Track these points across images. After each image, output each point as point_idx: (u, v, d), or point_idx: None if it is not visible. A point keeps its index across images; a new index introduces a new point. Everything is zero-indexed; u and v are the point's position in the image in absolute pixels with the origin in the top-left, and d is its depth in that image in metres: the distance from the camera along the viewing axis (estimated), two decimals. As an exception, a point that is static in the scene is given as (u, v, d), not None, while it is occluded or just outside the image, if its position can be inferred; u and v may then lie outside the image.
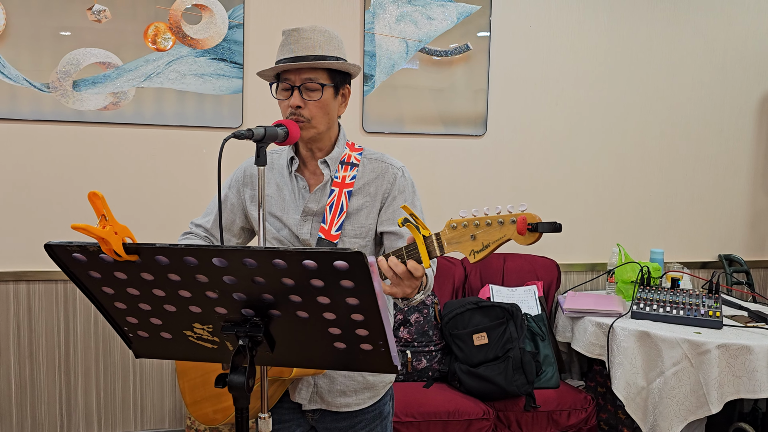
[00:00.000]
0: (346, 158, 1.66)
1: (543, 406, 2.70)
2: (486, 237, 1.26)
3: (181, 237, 1.76)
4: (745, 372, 2.49)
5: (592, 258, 3.39)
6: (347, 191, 1.63)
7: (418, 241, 1.31)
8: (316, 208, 1.63)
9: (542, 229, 1.20)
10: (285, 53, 1.56)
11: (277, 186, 1.67)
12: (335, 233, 1.59)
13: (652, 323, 2.71)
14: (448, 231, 1.29)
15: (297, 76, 1.55)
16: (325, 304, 1.05)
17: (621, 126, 3.35)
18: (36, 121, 2.76)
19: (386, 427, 1.77)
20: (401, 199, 1.65)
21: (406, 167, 1.71)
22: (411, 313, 2.81)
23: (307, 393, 1.66)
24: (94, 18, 2.77)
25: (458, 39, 3.11)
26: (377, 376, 1.70)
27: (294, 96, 1.55)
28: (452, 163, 3.19)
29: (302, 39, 1.54)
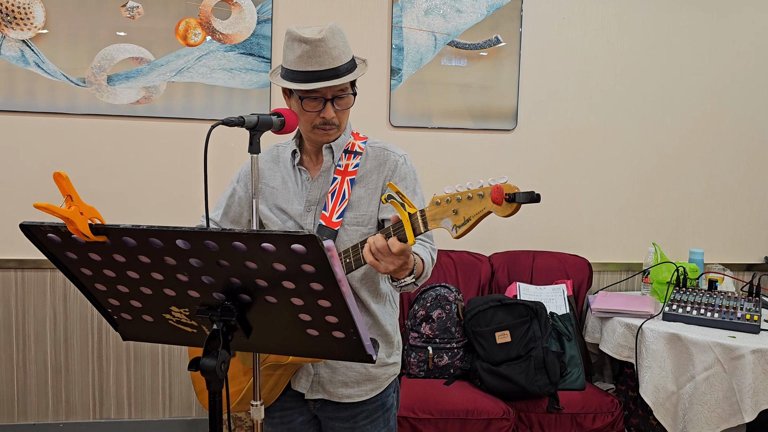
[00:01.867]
0: (350, 147, 1.67)
1: (567, 408, 2.61)
2: (467, 211, 1.24)
3: None
4: (782, 379, 2.36)
5: (628, 257, 3.27)
6: (350, 179, 1.63)
7: (403, 218, 1.30)
8: (318, 196, 1.64)
9: (519, 198, 1.16)
10: (313, 65, 1.50)
11: (283, 179, 1.69)
12: (336, 220, 1.59)
13: (685, 326, 2.59)
14: (433, 207, 1.28)
15: (329, 89, 1.54)
16: (291, 289, 1.04)
17: (660, 120, 3.22)
18: (72, 114, 2.86)
19: (389, 419, 1.76)
20: (402, 186, 1.64)
21: (409, 156, 1.70)
22: (433, 310, 2.78)
23: (307, 382, 1.67)
24: (127, 14, 2.85)
25: (488, 32, 3.05)
26: (379, 368, 1.69)
27: (328, 108, 1.55)
28: (481, 158, 3.13)
29: (329, 50, 1.50)
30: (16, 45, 2.79)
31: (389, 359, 1.72)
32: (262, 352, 1.29)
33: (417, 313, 2.81)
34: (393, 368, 1.74)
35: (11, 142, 2.85)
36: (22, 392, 2.94)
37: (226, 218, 1.77)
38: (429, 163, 3.08)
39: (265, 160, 1.73)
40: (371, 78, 3.00)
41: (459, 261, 3.07)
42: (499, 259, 3.12)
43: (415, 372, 2.79)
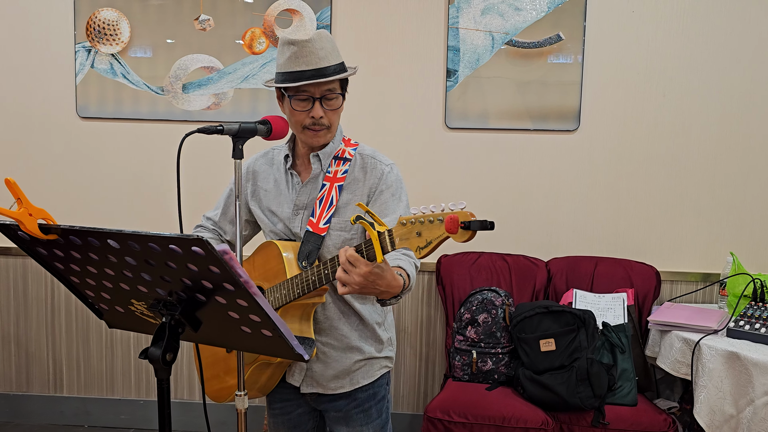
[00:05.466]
0: (340, 153, 1.72)
1: (614, 424, 2.48)
2: (429, 234, 1.28)
3: (194, 229, 1.91)
4: None
5: (706, 267, 3.02)
6: (338, 185, 1.68)
7: (372, 237, 1.35)
8: (306, 201, 1.70)
9: (474, 226, 1.21)
10: (300, 65, 1.57)
11: (275, 182, 1.77)
12: (323, 226, 1.65)
13: (750, 344, 2.37)
14: (399, 228, 1.32)
15: (317, 88, 1.60)
16: (210, 288, 1.12)
17: (742, 118, 2.94)
18: (153, 120, 3.14)
19: (381, 410, 1.82)
20: (388, 194, 1.67)
21: (396, 165, 1.74)
22: (479, 313, 2.75)
23: (300, 376, 1.75)
24: (200, 27, 3.08)
25: (549, 29, 2.95)
26: (367, 360, 1.76)
27: (316, 107, 1.61)
28: (541, 160, 3.04)
29: (316, 50, 1.57)
30: (106, 58, 3.12)
31: (379, 353, 1.79)
32: (211, 345, 1.38)
33: (463, 316, 2.79)
34: (384, 361, 1.81)
35: (102, 146, 3.18)
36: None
37: (225, 218, 1.87)
38: (486, 165, 3.05)
39: (260, 163, 1.81)
40: (427, 80, 3.02)
41: (514, 265, 3.00)
42: (557, 265, 3.01)
43: (460, 375, 2.77)
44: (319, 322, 1.70)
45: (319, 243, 1.64)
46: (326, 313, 1.70)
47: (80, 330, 3.27)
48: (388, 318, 1.83)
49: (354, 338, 1.73)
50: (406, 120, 3.05)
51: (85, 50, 3.12)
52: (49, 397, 3.30)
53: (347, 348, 1.73)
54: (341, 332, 1.72)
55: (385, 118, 3.06)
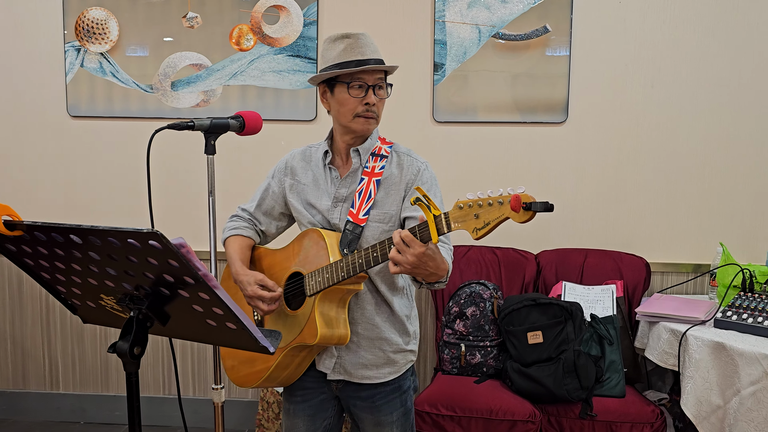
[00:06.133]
0: (377, 150, 1.80)
1: (602, 416, 2.48)
2: (487, 216, 1.35)
3: (229, 220, 1.98)
4: (843, 400, 2.08)
5: (697, 258, 3.02)
6: (375, 180, 1.76)
7: (428, 219, 1.43)
8: (345, 194, 1.78)
9: (535, 207, 1.29)
10: (357, 55, 1.69)
11: (314, 176, 1.85)
12: (362, 217, 1.74)
13: (737, 335, 2.36)
14: (456, 210, 1.40)
15: (371, 76, 1.70)
16: (172, 282, 1.13)
17: (733, 108, 2.93)
18: (143, 118, 3.16)
19: (405, 400, 1.89)
20: (424, 189, 1.73)
21: (430, 164, 1.83)
22: (467, 307, 2.75)
23: (330, 363, 1.82)
24: (188, 24, 3.09)
25: (536, 22, 2.95)
26: (397, 353, 1.84)
27: (370, 94, 1.71)
28: (530, 152, 3.04)
29: (368, 44, 1.71)
30: (95, 57, 3.13)
31: (407, 346, 1.86)
32: (181, 338, 1.39)
33: (451, 309, 2.79)
34: (410, 355, 1.89)
35: (93, 145, 3.20)
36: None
37: (260, 210, 1.95)
38: (474, 158, 3.05)
39: (298, 159, 1.90)
40: (414, 74, 3.02)
41: (504, 258, 3.00)
42: (547, 257, 3.01)
43: (449, 369, 2.78)
44: (352, 311, 1.78)
45: (359, 233, 1.73)
46: (359, 303, 1.79)
47: (75, 327, 3.30)
48: (413, 312, 1.91)
49: (384, 329, 1.81)
50: (394, 114, 3.03)
51: (74, 50, 3.13)
52: (45, 394, 3.33)
53: (377, 338, 1.81)
54: (373, 323, 1.80)
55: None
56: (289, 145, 3.09)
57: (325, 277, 1.67)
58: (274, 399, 2.86)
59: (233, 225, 1.93)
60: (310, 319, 1.68)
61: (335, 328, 1.70)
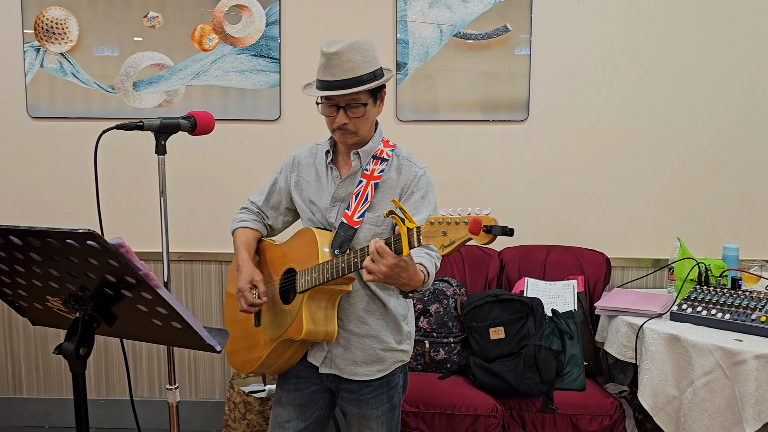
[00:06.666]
0: (378, 153, 1.82)
1: (563, 409, 2.52)
2: (453, 234, 1.39)
3: (238, 211, 2.03)
4: (791, 389, 2.14)
5: (656, 253, 3.08)
6: (374, 183, 1.79)
7: (402, 232, 1.45)
8: (343, 195, 1.81)
9: (494, 231, 1.32)
10: (327, 76, 1.69)
11: (316, 174, 1.88)
12: (357, 219, 1.77)
13: (692, 327, 2.42)
14: (427, 226, 1.43)
15: (341, 97, 1.70)
16: (114, 282, 1.13)
17: (690, 106, 2.99)
18: (104, 118, 3.13)
19: (393, 395, 1.92)
20: (418, 196, 1.79)
21: (428, 170, 1.85)
22: (431, 304, 2.77)
23: (320, 356, 1.86)
24: (149, 24, 3.07)
25: (496, 21, 2.98)
26: (387, 352, 1.87)
27: (340, 115, 1.72)
28: (492, 150, 3.07)
29: (342, 62, 1.67)
30: (55, 57, 3.09)
31: (398, 345, 1.89)
32: (129, 339, 1.39)
33: (415, 306, 2.81)
34: (401, 355, 1.91)
35: (54, 146, 3.16)
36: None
37: (267, 204, 2.00)
38: (438, 157, 3.07)
39: (304, 156, 1.93)
40: (377, 73, 3.03)
41: (468, 256, 3.03)
42: (510, 254, 3.05)
43: (413, 365, 2.80)
44: (345, 308, 1.82)
45: (352, 234, 1.75)
46: (352, 300, 1.82)
47: (38, 330, 3.26)
48: (410, 312, 1.94)
49: (376, 327, 1.84)
50: (358, 114, 3.07)
51: (33, 50, 3.09)
52: (8, 399, 3.29)
53: (368, 336, 1.84)
54: (365, 320, 1.83)
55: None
56: (253, 145, 3.11)
57: (313, 276, 1.71)
58: (241, 399, 2.86)
59: (242, 217, 2.00)
60: (298, 315, 1.74)
61: (322, 325, 1.75)
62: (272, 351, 1.84)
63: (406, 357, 1.93)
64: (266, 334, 1.89)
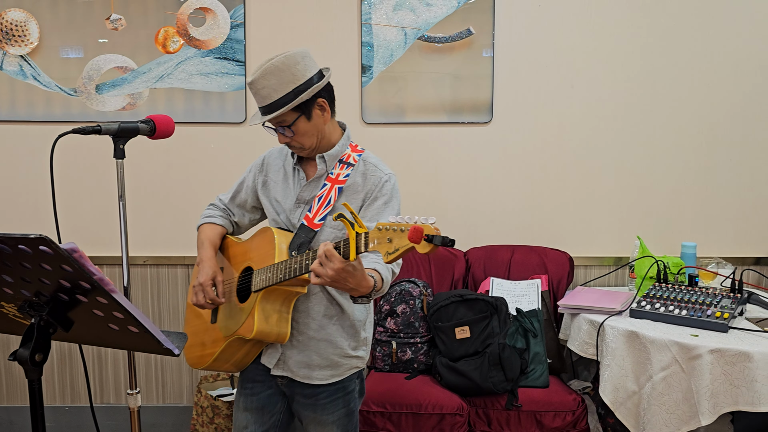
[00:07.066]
0: (345, 157, 1.83)
1: (527, 406, 2.56)
2: (398, 242, 1.38)
3: (207, 207, 2.04)
4: (744, 381, 2.21)
5: (617, 251, 3.14)
6: (338, 187, 1.80)
7: (350, 237, 1.44)
8: (307, 198, 1.82)
9: (435, 241, 1.32)
10: (257, 102, 1.77)
11: (284, 175, 1.89)
12: (318, 222, 1.77)
13: (651, 323, 2.48)
14: (375, 231, 1.42)
15: (271, 121, 1.74)
16: (69, 287, 1.13)
17: (650, 107, 3.06)
18: (66, 122, 3.09)
19: (349, 401, 1.92)
20: (381, 201, 1.79)
21: (395, 176, 1.86)
22: (398, 305, 2.80)
23: (274, 358, 1.85)
24: (111, 26, 3.04)
25: (459, 24, 3.02)
26: (342, 357, 1.86)
27: (279, 135, 1.77)
28: (457, 152, 3.11)
29: (258, 90, 1.72)
30: (15, 60, 3.05)
31: (354, 352, 1.89)
32: (87, 344, 1.38)
33: (382, 308, 2.84)
34: (356, 361, 1.91)
35: (14, 150, 3.11)
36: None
37: (234, 202, 2.01)
38: (404, 159, 3.10)
39: (274, 157, 1.95)
40: (342, 76, 3.04)
41: (434, 256, 3.06)
42: (476, 254, 3.09)
43: (381, 366, 2.82)
44: (302, 311, 1.82)
45: (312, 237, 1.76)
46: (310, 303, 1.82)
47: (1, 337, 3.20)
48: (369, 318, 1.93)
49: (333, 332, 1.84)
50: (324, 116, 3.08)
51: (-8, 52, 3.04)
52: (-30, 409, 3.23)
53: (323, 340, 1.83)
54: (320, 324, 1.82)
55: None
56: (219, 147, 3.10)
57: (267, 276, 1.71)
58: (208, 403, 2.85)
59: (208, 213, 2.00)
60: (251, 314, 1.73)
61: (274, 326, 1.74)
62: (225, 348, 1.83)
63: (362, 363, 1.93)
64: (221, 331, 1.89)
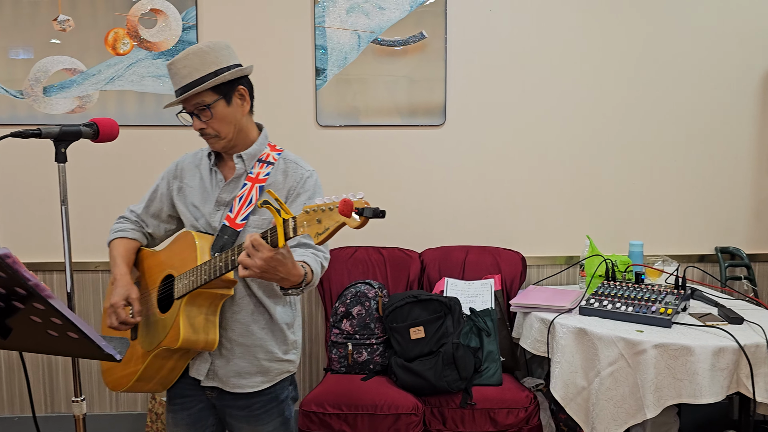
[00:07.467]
0: (264, 156, 1.81)
1: (481, 404, 2.60)
2: (327, 221, 1.34)
3: (116, 221, 1.95)
4: (686, 375, 2.28)
5: (569, 251, 3.22)
6: (259, 186, 1.77)
7: (277, 223, 1.41)
8: (227, 199, 1.78)
9: (366, 213, 1.29)
10: (174, 86, 1.72)
11: (200, 179, 1.85)
12: (240, 222, 1.74)
13: (599, 320, 2.54)
14: (303, 215, 1.39)
15: (188, 103, 1.71)
16: (4, 294, 1.11)
17: (598, 110, 3.15)
18: (12, 125, 3.01)
19: (283, 409, 1.88)
20: (304, 197, 1.77)
21: (316, 172, 1.84)
22: (353, 306, 2.81)
23: (203, 369, 1.80)
24: (59, 27, 2.98)
25: (412, 28, 3.05)
26: (272, 362, 1.83)
27: (194, 121, 1.73)
28: (412, 155, 3.14)
29: (179, 70, 1.69)
30: (-42, 61, 2.96)
31: (284, 356, 1.85)
32: (26, 351, 1.36)
33: (338, 309, 2.85)
34: (287, 365, 1.88)
35: (-42, 153, 3.03)
36: (-22, 388, 3.13)
37: (147, 212, 1.94)
38: (359, 161, 3.12)
39: (188, 162, 1.90)
40: (297, 79, 3.05)
41: (389, 257, 3.08)
42: (431, 255, 3.12)
43: (337, 368, 2.83)
44: (228, 317, 1.77)
45: (235, 237, 1.72)
46: (237, 309, 1.77)
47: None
48: (297, 321, 1.90)
49: (261, 336, 1.80)
50: (278, 119, 3.08)
51: (-66, 53, 2.95)
52: None
53: (252, 345, 1.79)
54: (249, 329, 1.78)
55: (256, 117, 3.05)
56: (171, 150, 3.07)
57: (190, 279, 1.66)
58: (163, 410, 2.81)
59: (119, 227, 1.92)
60: (175, 322, 1.66)
61: (201, 332, 1.68)
62: (150, 363, 1.74)
63: (293, 367, 1.90)
64: (143, 347, 1.80)
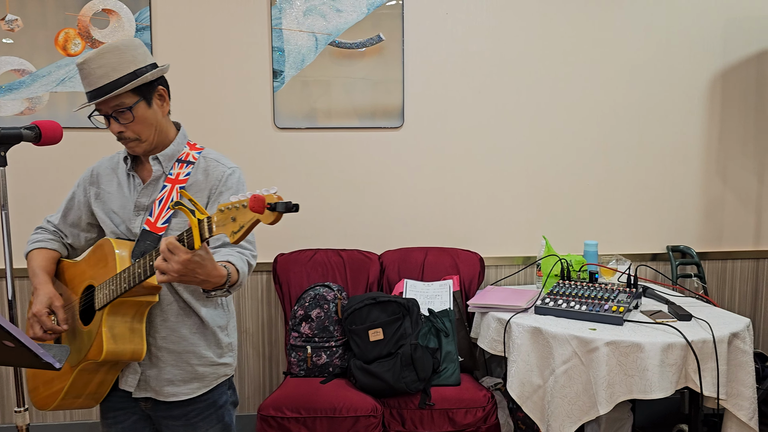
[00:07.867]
0: (183, 156, 1.74)
1: (439, 404, 2.62)
2: (242, 218, 1.31)
3: (34, 231, 1.86)
4: (636, 371, 2.33)
5: (526, 251, 3.26)
6: (179, 187, 1.70)
7: (192, 224, 1.37)
8: (146, 203, 1.72)
9: (279, 208, 1.25)
10: (86, 87, 1.62)
11: (118, 184, 1.77)
12: (161, 225, 1.67)
13: (554, 319, 2.58)
14: (218, 214, 1.34)
15: (105, 105, 1.62)
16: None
17: (552, 113, 3.20)
18: (-42, 127, 2.93)
19: (223, 415, 1.83)
20: (227, 195, 1.71)
21: (240, 169, 1.77)
22: (312, 309, 2.80)
23: (134, 380, 1.72)
24: (7, 27, 2.91)
25: (370, 30, 3.06)
26: (207, 367, 1.77)
27: (112, 124, 1.64)
28: (370, 157, 3.14)
29: (93, 70, 1.59)
30: None
31: (218, 359, 1.79)
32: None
33: (297, 312, 2.83)
34: (223, 369, 1.82)
35: None
36: (-77, 399, 3.02)
37: (65, 222, 1.85)
38: (317, 163, 3.11)
39: (105, 167, 1.82)
40: (254, 80, 3.03)
41: (348, 260, 3.08)
42: (390, 257, 3.13)
43: (296, 371, 2.81)
44: (155, 323, 1.70)
45: (156, 242, 1.65)
46: (164, 314, 1.70)
47: None
48: (231, 323, 1.84)
49: (193, 341, 1.73)
50: (235, 121, 3.05)
51: None
52: None
53: (183, 351, 1.72)
54: (179, 334, 1.71)
55: (213, 119, 3.04)
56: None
57: (110, 289, 1.58)
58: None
59: (36, 238, 1.83)
60: (98, 334, 1.59)
61: (126, 343, 1.61)
62: (75, 379, 1.65)
63: (230, 371, 1.84)
64: (68, 362, 1.71)
